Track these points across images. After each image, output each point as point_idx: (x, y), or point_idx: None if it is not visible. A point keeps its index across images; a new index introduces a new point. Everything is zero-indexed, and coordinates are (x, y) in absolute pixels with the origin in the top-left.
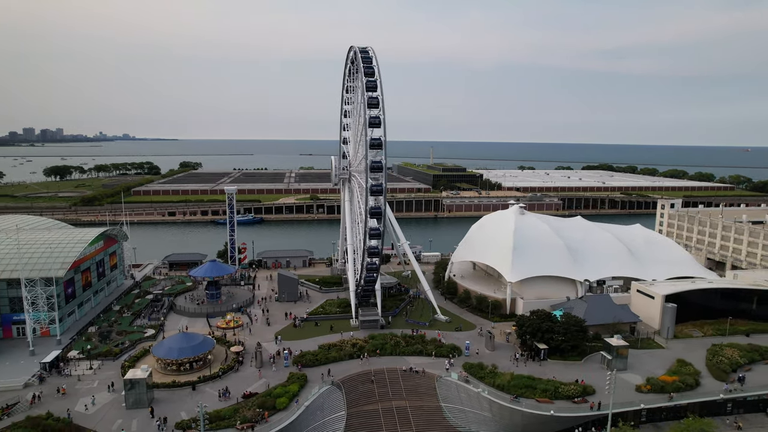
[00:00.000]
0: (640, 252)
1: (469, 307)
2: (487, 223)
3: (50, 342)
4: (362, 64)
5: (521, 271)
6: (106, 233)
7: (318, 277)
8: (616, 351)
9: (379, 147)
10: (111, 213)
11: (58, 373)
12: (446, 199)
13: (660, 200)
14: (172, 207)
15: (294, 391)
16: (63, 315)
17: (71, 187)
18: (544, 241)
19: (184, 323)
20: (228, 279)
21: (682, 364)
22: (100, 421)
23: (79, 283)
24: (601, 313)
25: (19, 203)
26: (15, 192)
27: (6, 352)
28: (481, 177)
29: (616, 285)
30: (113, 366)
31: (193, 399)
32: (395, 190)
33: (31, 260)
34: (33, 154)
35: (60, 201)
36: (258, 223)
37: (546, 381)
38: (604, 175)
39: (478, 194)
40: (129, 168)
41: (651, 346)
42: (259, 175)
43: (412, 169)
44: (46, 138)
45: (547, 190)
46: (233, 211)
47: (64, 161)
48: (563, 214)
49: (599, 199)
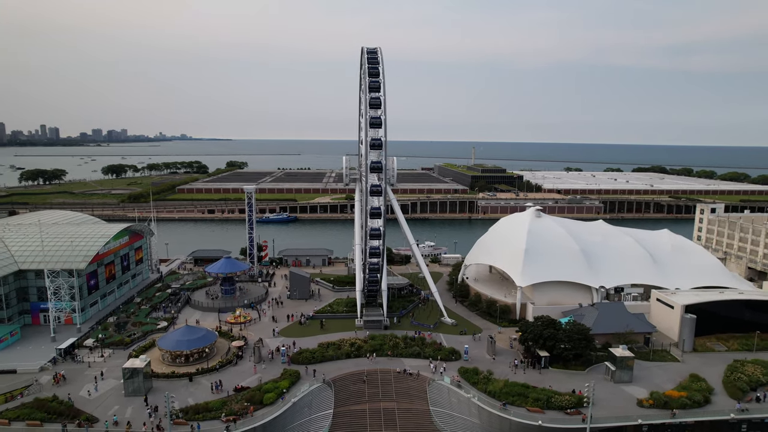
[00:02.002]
0: (665, 259)
1: (479, 311)
2: (503, 226)
3: (72, 330)
4: (368, 64)
5: (532, 276)
6: (131, 229)
7: (334, 276)
8: (620, 362)
9: (379, 147)
10: (155, 209)
11: (72, 359)
12: (482, 200)
13: (699, 205)
14: (211, 205)
15: (284, 387)
16: (85, 305)
17: (124, 184)
18: (559, 245)
19: (197, 317)
20: (246, 275)
21: (694, 380)
22: (99, 407)
23: (102, 276)
24: (613, 321)
25: (76, 199)
26: (74, 189)
27: (32, 337)
28: (520, 178)
29: (635, 293)
30: (123, 355)
31: (188, 390)
32: (432, 191)
33: (57, 253)
34: (98, 154)
35: (111, 198)
36: (292, 221)
37: (540, 390)
38: (654, 178)
39: (515, 196)
40: (179, 167)
41: (665, 358)
42: (301, 174)
43: (451, 170)
44: (111, 138)
45: (589, 193)
46: (252, 210)
47: (124, 160)
48: (604, 218)
49: (644, 203)
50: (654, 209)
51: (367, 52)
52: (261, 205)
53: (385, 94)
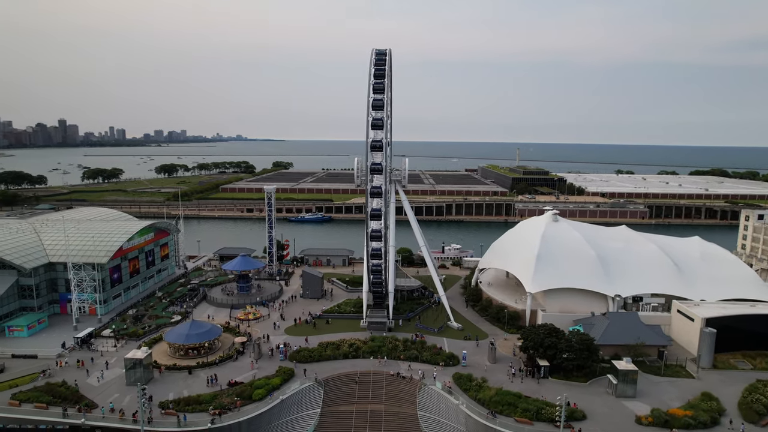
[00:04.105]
0: (692, 268)
1: (488, 317)
2: (519, 230)
3: (93, 320)
4: (374, 66)
5: (543, 282)
6: (156, 226)
7: (349, 276)
8: (623, 375)
9: (380, 149)
10: (197, 207)
11: (88, 348)
12: (519, 203)
13: (744, 210)
14: (250, 204)
15: (275, 384)
16: (107, 297)
17: (174, 183)
18: (574, 251)
19: (211, 312)
20: (265, 273)
21: (705, 398)
22: (101, 394)
23: (126, 270)
24: (623, 332)
25: (127, 197)
26: (127, 187)
27: (57, 325)
28: (563, 181)
29: (654, 303)
30: (134, 346)
31: (185, 382)
32: (470, 193)
33: (84, 247)
34: (156, 154)
35: (158, 196)
36: (327, 221)
37: (532, 400)
38: (711, 181)
39: (555, 199)
40: (227, 167)
41: (678, 374)
42: (342, 175)
43: (494, 172)
44: (171, 139)
45: (636, 197)
46: (271, 209)
47: (180, 160)
48: (649, 224)
49: (694, 208)
50: (706, 215)
51: (375, 53)
52: (298, 205)
53: (391, 96)
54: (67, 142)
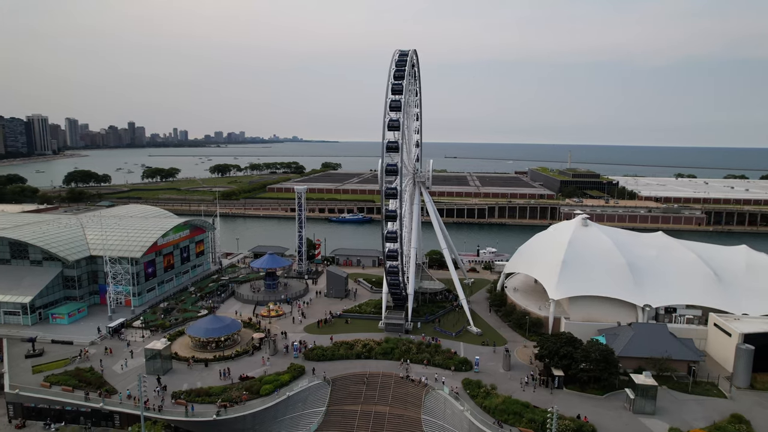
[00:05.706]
0: (735, 279)
1: (511, 322)
2: (548, 234)
3: (128, 311)
4: (395, 67)
5: (567, 289)
6: (192, 223)
7: (376, 276)
8: (641, 390)
9: (396, 150)
10: (243, 206)
11: (118, 337)
12: (565, 206)
13: None
14: (293, 203)
15: (284, 380)
16: (141, 290)
17: (225, 183)
18: (602, 257)
19: (238, 308)
20: (294, 272)
21: (735, 420)
22: (121, 381)
23: (161, 265)
24: (649, 344)
25: (179, 195)
26: (181, 186)
27: (95, 314)
28: (615, 184)
29: (690, 315)
30: (160, 337)
31: (200, 374)
32: (515, 195)
33: (121, 242)
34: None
35: (209, 194)
36: (367, 222)
37: (540, 411)
38: None
39: (604, 203)
40: (278, 167)
41: (709, 392)
42: None
43: (543, 174)
44: (230, 140)
45: (694, 202)
46: (302, 209)
47: (236, 160)
48: (705, 230)
49: (760, 215)
50: None
51: (398, 54)
52: (340, 206)
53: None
54: (135, 143)
